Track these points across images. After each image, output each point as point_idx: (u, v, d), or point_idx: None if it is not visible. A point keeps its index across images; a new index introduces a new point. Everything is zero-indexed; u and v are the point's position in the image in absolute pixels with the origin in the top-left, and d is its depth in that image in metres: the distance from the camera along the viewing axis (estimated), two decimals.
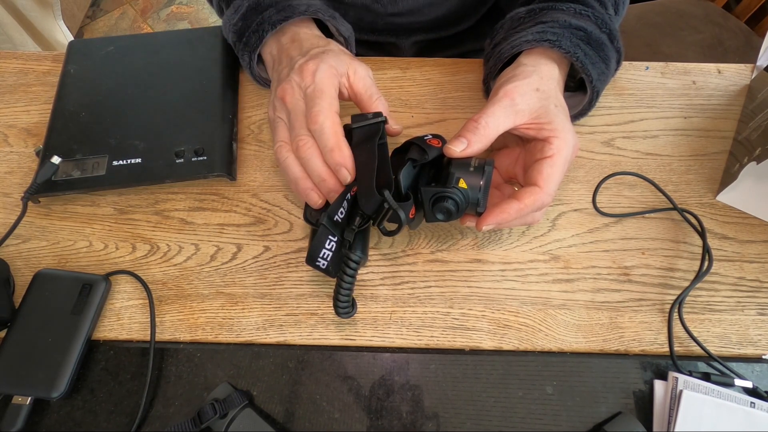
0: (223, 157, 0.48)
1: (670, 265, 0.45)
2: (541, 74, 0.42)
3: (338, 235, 0.40)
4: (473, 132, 0.40)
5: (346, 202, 0.40)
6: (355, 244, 0.40)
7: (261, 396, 0.40)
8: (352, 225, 0.40)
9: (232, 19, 0.50)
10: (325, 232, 0.39)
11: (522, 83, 0.41)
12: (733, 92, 0.54)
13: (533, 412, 0.40)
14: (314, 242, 0.39)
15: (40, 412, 0.40)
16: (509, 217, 0.39)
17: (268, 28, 0.46)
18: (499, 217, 0.39)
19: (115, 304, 0.44)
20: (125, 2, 1.79)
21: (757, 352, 0.42)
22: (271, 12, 0.47)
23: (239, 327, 0.43)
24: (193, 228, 0.47)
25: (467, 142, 0.40)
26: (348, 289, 0.39)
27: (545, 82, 0.42)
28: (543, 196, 0.39)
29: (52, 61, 0.56)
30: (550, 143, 0.40)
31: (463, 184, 0.39)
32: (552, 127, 0.40)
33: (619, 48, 0.46)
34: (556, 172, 0.39)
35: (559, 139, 0.40)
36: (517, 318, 0.43)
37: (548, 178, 0.39)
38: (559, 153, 0.39)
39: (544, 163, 0.39)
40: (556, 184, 0.40)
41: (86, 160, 0.47)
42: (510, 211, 0.39)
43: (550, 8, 0.46)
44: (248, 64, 0.49)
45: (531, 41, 0.43)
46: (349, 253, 0.39)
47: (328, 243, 0.39)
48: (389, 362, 0.42)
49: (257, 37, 0.47)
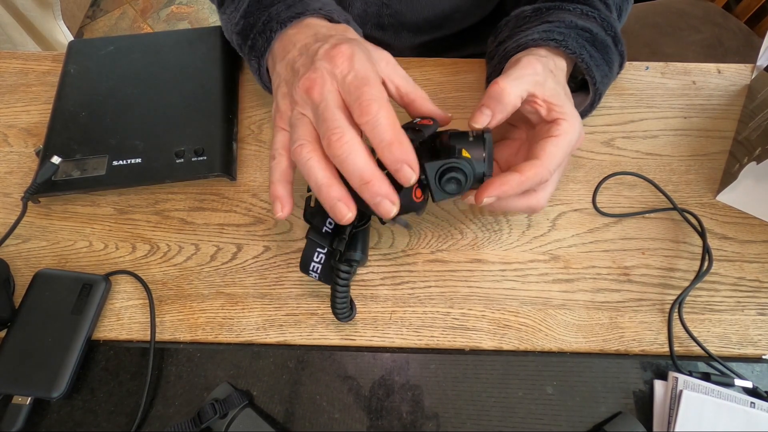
0: (223, 157, 0.48)
1: (670, 265, 0.45)
2: (555, 61, 0.42)
3: (327, 246, 0.39)
4: (497, 100, 0.37)
5: None
6: (354, 244, 0.40)
7: (261, 396, 0.40)
8: (342, 234, 0.39)
9: (233, 17, 0.46)
10: (313, 245, 0.39)
11: (541, 59, 0.40)
12: (733, 92, 0.54)
13: (533, 412, 0.40)
14: (303, 254, 0.39)
15: (40, 412, 0.40)
16: (510, 190, 0.37)
17: (277, 27, 0.41)
18: (500, 189, 0.37)
19: (115, 304, 0.44)
20: (125, 2, 1.79)
21: (757, 352, 0.42)
22: (279, 8, 0.42)
23: (239, 327, 0.43)
24: (193, 228, 0.47)
25: (491, 112, 0.37)
26: (343, 297, 0.39)
27: (557, 70, 0.42)
28: (543, 170, 0.37)
29: (52, 61, 0.56)
30: (558, 124, 0.38)
31: (466, 154, 0.37)
32: (562, 110, 0.39)
33: (623, 51, 0.46)
34: (559, 152, 0.38)
35: (568, 122, 0.38)
36: (517, 318, 0.43)
37: (550, 156, 0.37)
38: (566, 135, 0.38)
39: (549, 141, 0.38)
40: (557, 165, 0.38)
41: (86, 160, 0.47)
42: (511, 183, 0.37)
43: (557, 8, 0.46)
44: (257, 70, 0.44)
45: (537, 40, 0.43)
46: (339, 264, 0.38)
47: (317, 255, 0.39)
48: (389, 362, 0.42)
49: (264, 39, 0.42)
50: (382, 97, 0.34)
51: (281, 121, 0.39)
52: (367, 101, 0.33)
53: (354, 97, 0.34)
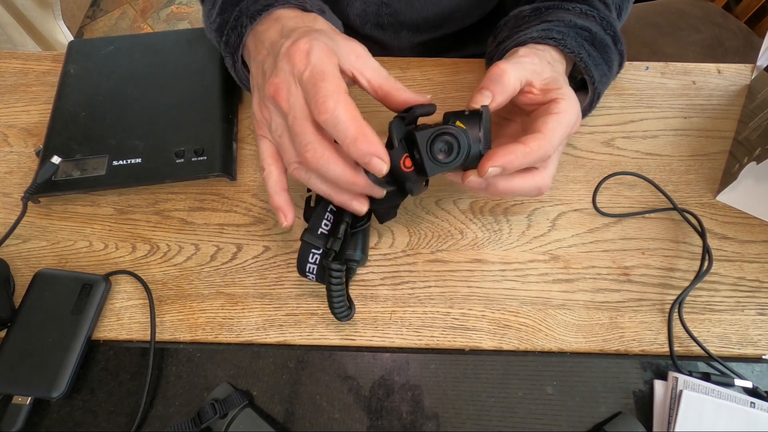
0: (223, 157, 0.48)
1: (670, 265, 0.45)
2: (552, 55, 0.42)
3: (323, 246, 0.39)
4: (497, 82, 0.36)
5: (330, 213, 0.40)
6: (354, 243, 0.40)
7: (261, 396, 0.40)
8: (337, 234, 0.39)
9: (210, 16, 0.45)
10: (307, 248, 0.39)
11: (538, 52, 0.41)
12: (733, 92, 0.54)
13: (533, 412, 0.40)
14: (299, 257, 0.39)
15: (40, 412, 0.40)
16: (515, 160, 0.35)
17: (247, 22, 0.40)
18: (505, 158, 0.34)
19: (115, 304, 0.44)
20: (125, 2, 1.79)
21: (757, 352, 0.42)
22: (249, 1, 0.41)
23: (239, 327, 0.43)
24: (193, 228, 0.47)
25: (491, 94, 0.36)
26: (339, 296, 0.39)
27: (554, 62, 0.42)
28: (546, 143, 0.36)
29: (52, 61, 0.56)
30: (557, 103, 0.37)
31: (460, 125, 0.35)
32: (561, 91, 0.38)
33: (622, 51, 0.46)
34: (560, 128, 0.37)
35: (567, 102, 0.38)
36: (517, 318, 0.43)
37: (553, 130, 0.36)
38: (565, 113, 0.37)
39: (550, 117, 0.37)
40: (560, 141, 0.37)
41: (86, 160, 0.47)
42: (516, 153, 0.35)
43: (556, 7, 0.46)
44: (232, 66, 0.43)
45: (536, 38, 0.43)
46: (331, 264, 0.38)
47: (312, 257, 0.39)
48: (389, 362, 0.42)
49: (237, 35, 0.41)
50: (339, 91, 0.33)
51: (261, 129, 0.38)
52: (322, 98, 0.32)
53: (311, 95, 0.33)
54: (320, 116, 0.32)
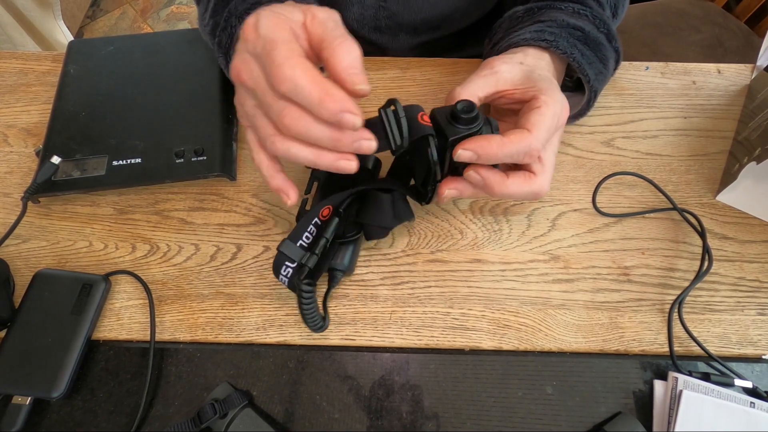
0: (223, 157, 0.48)
1: (670, 265, 0.45)
2: (528, 54, 0.42)
3: (297, 261, 0.38)
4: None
5: (314, 226, 0.39)
6: (341, 253, 0.41)
7: (261, 396, 0.40)
8: (314, 250, 0.38)
9: (204, 18, 0.45)
10: (282, 258, 0.39)
11: (505, 56, 0.42)
12: (733, 92, 0.54)
13: (533, 412, 0.40)
14: (274, 263, 0.39)
15: (40, 412, 0.40)
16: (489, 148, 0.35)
17: (236, 22, 0.40)
18: (478, 143, 0.36)
19: (115, 304, 0.44)
20: (125, 2, 1.79)
21: (757, 352, 0.42)
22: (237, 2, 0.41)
23: (239, 327, 0.43)
24: (193, 228, 0.47)
25: None
26: (310, 313, 0.39)
27: (529, 59, 0.42)
28: (531, 138, 0.36)
29: (52, 61, 0.56)
30: (537, 98, 0.38)
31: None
32: (538, 87, 0.39)
33: (618, 48, 0.46)
34: (544, 120, 0.37)
35: (546, 95, 0.38)
36: (516, 318, 0.43)
37: (537, 124, 0.37)
38: (546, 106, 0.38)
39: (532, 112, 0.38)
40: (546, 133, 0.37)
41: (86, 160, 0.47)
42: (491, 142, 0.36)
43: (549, 7, 0.46)
44: (226, 66, 0.43)
45: (528, 40, 0.43)
46: (302, 285, 0.37)
47: (284, 269, 0.39)
48: (389, 362, 0.42)
49: (227, 35, 0.41)
50: (292, 55, 0.30)
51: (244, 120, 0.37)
52: (277, 67, 0.30)
53: (267, 67, 0.31)
54: (280, 87, 0.30)
